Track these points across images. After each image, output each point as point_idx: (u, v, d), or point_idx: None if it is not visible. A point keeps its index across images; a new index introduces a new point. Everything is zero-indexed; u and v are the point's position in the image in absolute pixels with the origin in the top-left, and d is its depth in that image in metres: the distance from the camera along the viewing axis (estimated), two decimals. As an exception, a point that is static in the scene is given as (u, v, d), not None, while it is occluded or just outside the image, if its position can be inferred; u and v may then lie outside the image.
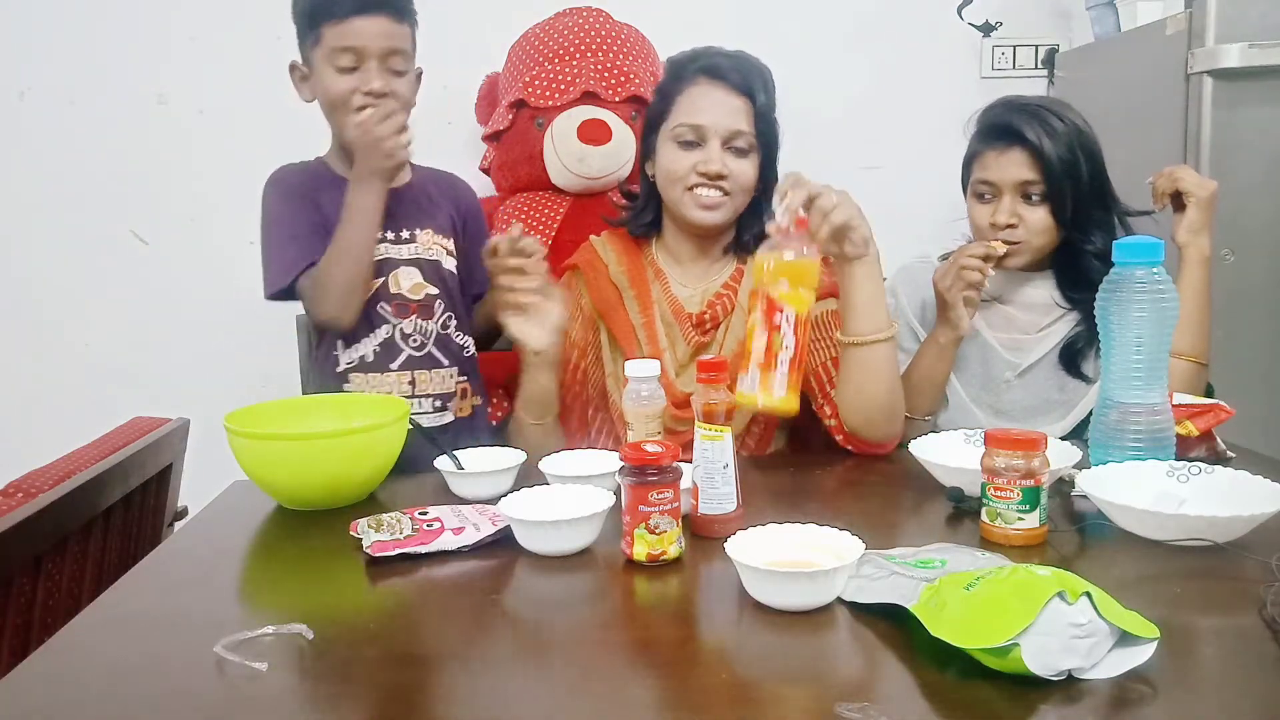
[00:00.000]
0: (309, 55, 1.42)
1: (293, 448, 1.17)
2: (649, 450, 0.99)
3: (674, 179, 1.43)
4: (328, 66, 1.39)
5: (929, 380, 1.49)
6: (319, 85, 1.42)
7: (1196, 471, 1.08)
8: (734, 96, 1.41)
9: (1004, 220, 1.45)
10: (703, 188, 1.41)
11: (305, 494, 1.19)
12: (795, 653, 0.80)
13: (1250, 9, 1.85)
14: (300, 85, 1.47)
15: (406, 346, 1.47)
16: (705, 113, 1.41)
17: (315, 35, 1.39)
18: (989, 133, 1.48)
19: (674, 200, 1.44)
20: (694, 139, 1.41)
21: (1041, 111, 1.45)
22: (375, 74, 1.38)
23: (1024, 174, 1.43)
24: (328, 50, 1.38)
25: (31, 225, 2.37)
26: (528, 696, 0.74)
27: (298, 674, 0.78)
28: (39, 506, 1.10)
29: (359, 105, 1.37)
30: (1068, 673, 0.71)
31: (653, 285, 1.50)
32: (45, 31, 2.32)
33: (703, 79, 1.42)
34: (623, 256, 1.53)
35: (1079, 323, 1.49)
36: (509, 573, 0.99)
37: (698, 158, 1.41)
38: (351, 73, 1.38)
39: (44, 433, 1.64)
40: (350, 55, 1.37)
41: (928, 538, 1.00)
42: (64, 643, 0.86)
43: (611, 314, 1.49)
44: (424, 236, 1.50)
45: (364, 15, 1.36)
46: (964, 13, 2.47)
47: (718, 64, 1.42)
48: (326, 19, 1.37)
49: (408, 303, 1.47)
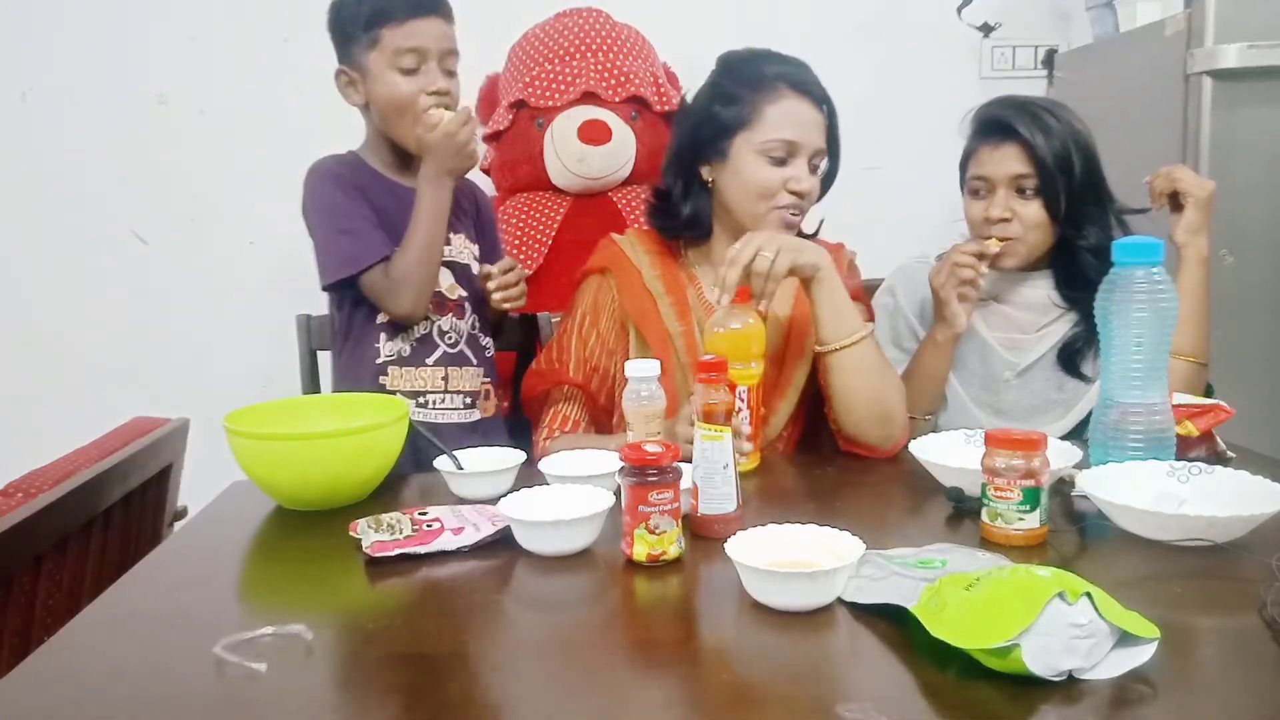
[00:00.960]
0: (362, 59, 1.44)
1: (293, 448, 1.17)
2: (649, 450, 0.99)
3: (763, 194, 1.39)
4: (390, 69, 1.42)
5: (928, 378, 1.49)
6: (380, 87, 1.44)
7: (1196, 471, 1.08)
8: (817, 112, 1.40)
9: (997, 214, 1.46)
10: (790, 208, 1.39)
11: (305, 494, 1.19)
12: (795, 653, 0.80)
13: (1250, 9, 1.85)
14: (347, 90, 1.48)
15: (442, 343, 1.51)
16: (799, 129, 1.38)
17: (372, 38, 1.42)
18: (983, 129, 1.50)
19: (754, 215, 1.40)
20: (785, 155, 1.38)
21: (1034, 107, 1.46)
22: (438, 74, 1.43)
23: (1017, 168, 1.44)
24: (390, 52, 1.41)
25: (31, 225, 2.37)
26: (527, 696, 0.74)
27: (298, 674, 0.78)
28: (39, 506, 1.10)
29: (426, 106, 1.42)
30: (1068, 673, 0.71)
31: (688, 290, 1.46)
32: (45, 32, 2.32)
33: (788, 90, 1.39)
34: (656, 261, 1.48)
35: (1077, 322, 1.49)
36: (509, 573, 0.99)
37: (788, 174, 1.38)
38: (413, 74, 1.42)
39: (44, 433, 1.64)
40: (414, 56, 1.41)
41: (928, 538, 1.00)
42: (64, 643, 0.86)
43: (645, 321, 1.44)
44: (457, 240, 1.54)
45: (421, 17, 1.42)
46: (964, 13, 2.47)
47: (802, 76, 1.40)
48: (386, 22, 1.41)
49: (445, 301, 1.51)
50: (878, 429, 1.35)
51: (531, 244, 2.07)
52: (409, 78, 1.42)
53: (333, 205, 1.47)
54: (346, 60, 1.48)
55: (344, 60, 1.48)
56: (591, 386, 1.48)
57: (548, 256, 2.05)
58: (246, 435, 1.16)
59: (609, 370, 1.48)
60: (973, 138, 1.52)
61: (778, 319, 1.45)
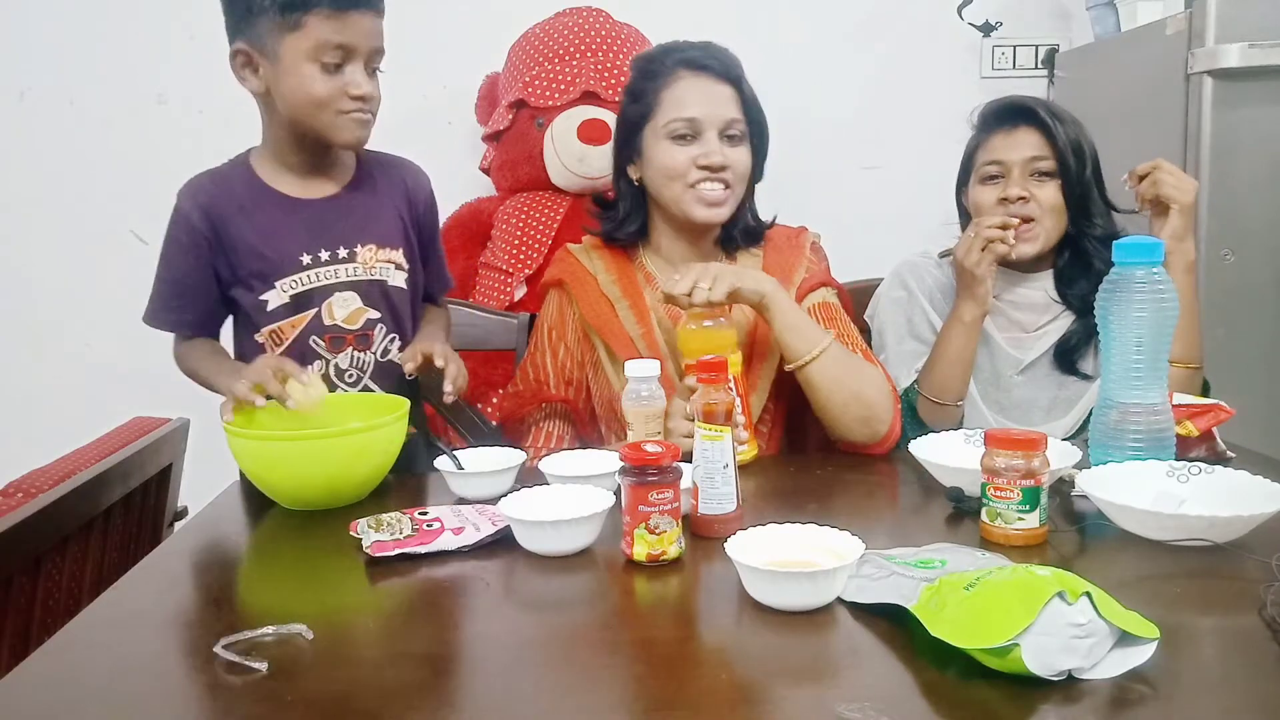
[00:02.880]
0: (272, 42, 1.24)
1: (292, 448, 1.16)
2: (649, 450, 0.99)
3: (674, 175, 1.39)
4: (308, 62, 1.24)
5: (958, 361, 1.45)
6: (291, 79, 1.25)
7: (1196, 471, 1.07)
8: (720, 84, 1.40)
9: (1015, 193, 1.45)
10: (706, 182, 1.39)
11: (305, 494, 1.19)
12: (795, 653, 0.80)
13: (1250, 9, 1.85)
14: (245, 73, 1.29)
15: (341, 382, 1.36)
16: (697, 105, 1.38)
17: (292, 22, 1.22)
18: (994, 117, 1.50)
19: (674, 199, 1.40)
20: (688, 132, 1.38)
21: (1042, 99, 1.48)
22: (362, 76, 1.26)
23: (1034, 150, 1.44)
24: (313, 44, 1.23)
25: (31, 225, 2.37)
26: (527, 696, 0.74)
27: (298, 674, 0.78)
28: (39, 506, 1.10)
29: (346, 110, 1.26)
30: (1068, 673, 0.71)
31: (645, 292, 1.46)
32: (45, 31, 2.32)
33: (684, 71, 1.40)
34: (611, 266, 1.48)
35: (1075, 320, 1.49)
36: (509, 573, 0.99)
37: (695, 151, 1.38)
38: (334, 72, 1.25)
39: (44, 433, 1.64)
40: (339, 53, 1.24)
41: (928, 538, 1.00)
42: (64, 643, 0.86)
43: (606, 328, 1.43)
44: (365, 254, 1.35)
45: (357, 10, 1.24)
46: (964, 13, 2.48)
47: (695, 55, 1.41)
48: (313, 7, 1.22)
49: (344, 334, 1.35)
50: (863, 429, 1.34)
51: (531, 244, 2.07)
52: (329, 76, 1.24)
53: (166, 247, 1.36)
54: (246, 37, 1.26)
55: (242, 35, 1.27)
56: (574, 399, 1.48)
57: (547, 256, 2.05)
58: (246, 436, 1.17)
59: (583, 381, 1.48)
60: (980, 130, 1.52)
61: (741, 315, 1.44)
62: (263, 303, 1.32)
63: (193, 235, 1.33)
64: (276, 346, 1.34)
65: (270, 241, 1.32)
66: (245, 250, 1.32)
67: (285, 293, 1.32)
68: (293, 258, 1.32)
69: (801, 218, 1.58)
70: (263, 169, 1.36)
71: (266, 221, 1.32)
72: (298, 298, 1.33)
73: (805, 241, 1.52)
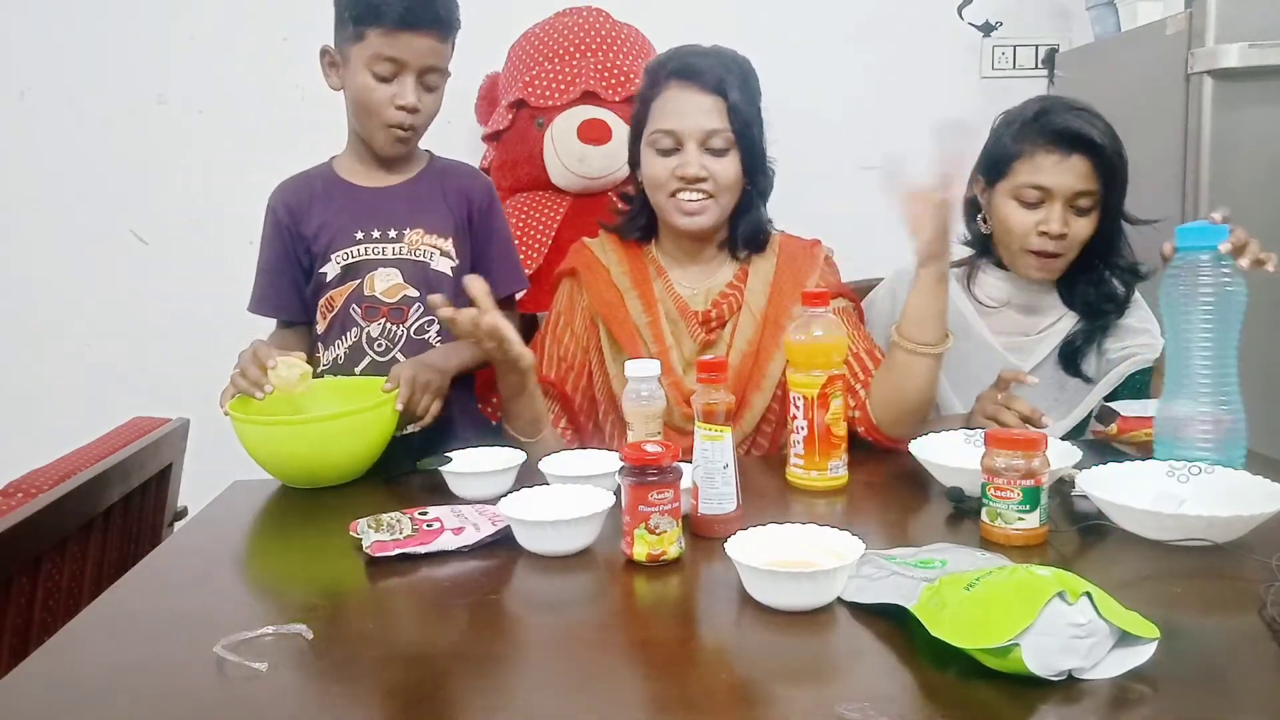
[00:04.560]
0: (346, 48, 1.41)
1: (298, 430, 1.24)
2: (649, 450, 0.99)
3: (656, 185, 1.45)
4: (365, 70, 1.38)
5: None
6: (353, 82, 1.41)
7: (1196, 471, 1.08)
8: (706, 96, 1.41)
9: (1057, 230, 1.40)
10: (684, 192, 1.42)
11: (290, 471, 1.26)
12: (795, 653, 0.80)
13: (1250, 9, 1.85)
14: (329, 71, 1.45)
15: (371, 350, 1.47)
16: (678, 117, 1.41)
17: (358, 33, 1.37)
18: (1046, 134, 1.40)
19: (659, 206, 1.47)
20: (671, 144, 1.42)
21: (1100, 120, 1.40)
22: (411, 88, 1.39)
23: (1083, 184, 1.39)
24: (369, 54, 1.37)
25: (31, 225, 2.37)
26: (527, 697, 0.74)
27: (298, 674, 0.78)
28: (39, 506, 1.10)
29: (394, 122, 1.40)
30: (1068, 673, 0.71)
31: (655, 283, 1.50)
32: (45, 31, 2.32)
33: (674, 82, 1.43)
34: (624, 258, 1.53)
35: (1078, 322, 1.49)
36: (509, 573, 0.99)
37: (675, 163, 1.42)
38: (387, 82, 1.38)
39: (44, 433, 1.64)
40: (390, 66, 1.37)
41: (928, 538, 1.00)
42: (64, 643, 0.86)
43: (612, 316, 1.48)
44: (413, 236, 1.47)
45: (412, 31, 1.36)
46: (964, 13, 2.47)
47: (689, 64, 1.43)
48: (374, 23, 1.35)
49: (379, 305, 1.46)
50: (912, 428, 1.34)
51: (531, 243, 2.06)
52: (382, 84, 1.38)
53: (261, 242, 1.53)
54: (335, 40, 1.44)
55: (334, 39, 1.44)
56: (566, 385, 1.50)
57: (548, 256, 2.04)
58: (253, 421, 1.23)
59: (585, 365, 1.51)
60: (1030, 141, 1.41)
61: (753, 312, 1.46)
62: (323, 274, 1.47)
63: (277, 228, 1.50)
64: (328, 313, 1.48)
65: (332, 220, 1.47)
66: (314, 231, 1.47)
67: (338, 264, 1.46)
68: (348, 233, 1.46)
69: (801, 218, 1.58)
70: (340, 165, 1.52)
71: (332, 205, 1.48)
72: (347, 269, 1.46)
73: (819, 254, 1.53)
